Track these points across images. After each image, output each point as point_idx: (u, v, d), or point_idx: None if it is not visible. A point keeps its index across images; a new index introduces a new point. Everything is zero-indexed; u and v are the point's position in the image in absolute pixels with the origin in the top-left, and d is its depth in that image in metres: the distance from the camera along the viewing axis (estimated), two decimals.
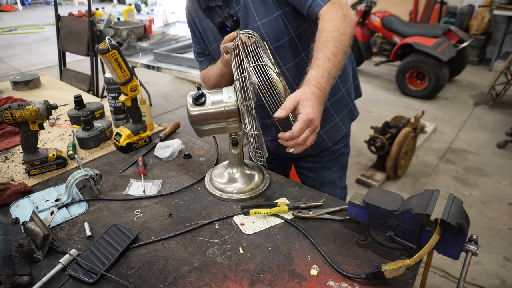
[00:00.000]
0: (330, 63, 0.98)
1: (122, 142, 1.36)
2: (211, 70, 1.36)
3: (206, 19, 1.30)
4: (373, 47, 5.50)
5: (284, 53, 1.24)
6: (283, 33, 1.21)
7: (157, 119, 4.22)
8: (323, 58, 0.98)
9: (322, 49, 1.00)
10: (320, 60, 0.99)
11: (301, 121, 0.88)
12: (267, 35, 1.19)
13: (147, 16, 4.37)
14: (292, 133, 0.89)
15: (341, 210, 1.04)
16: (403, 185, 3.08)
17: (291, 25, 1.20)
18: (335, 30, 1.02)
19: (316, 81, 0.95)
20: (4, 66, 6.37)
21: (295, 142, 0.91)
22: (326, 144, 1.41)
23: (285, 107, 0.89)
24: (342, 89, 1.37)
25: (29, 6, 12.94)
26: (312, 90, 0.93)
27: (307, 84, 0.95)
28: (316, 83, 0.95)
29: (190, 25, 1.40)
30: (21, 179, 1.23)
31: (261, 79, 0.93)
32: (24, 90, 2.03)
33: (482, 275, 2.18)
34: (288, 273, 0.85)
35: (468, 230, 0.80)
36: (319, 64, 0.98)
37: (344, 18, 1.05)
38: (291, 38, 1.22)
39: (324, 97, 0.96)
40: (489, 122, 4.15)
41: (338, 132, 1.41)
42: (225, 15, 1.23)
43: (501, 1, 5.50)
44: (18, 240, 0.89)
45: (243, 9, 1.19)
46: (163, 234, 0.98)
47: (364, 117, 4.24)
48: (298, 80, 1.17)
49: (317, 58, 1.00)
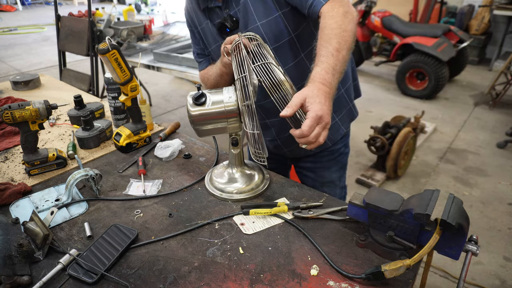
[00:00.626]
0: (334, 59, 0.97)
1: (122, 142, 1.36)
2: (211, 71, 1.36)
3: (205, 20, 1.30)
4: (373, 47, 5.50)
5: (283, 53, 1.24)
6: (282, 34, 1.21)
7: (157, 119, 4.22)
8: (327, 54, 0.98)
9: (325, 45, 0.99)
10: (323, 57, 0.98)
11: (310, 119, 0.87)
12: (266, 35, 1.19)
13: (147, 16, 4.36)
14: (301, 131, 0.88)
15: (341, 210, 1.04)
16: (403, 185, 3.08)
17: (290, 26, 1.20)
18: (336, 27, 1.01)
19: (321, 77, 0.94)
20: (4, 66, 6.37)
21: (306, 140, 0.90)
22: (325, 144, 1.41)
23: (291, 105, 0.89)
24: (341, 89, 1.37)
25: (29, 6, 12.93)
26: (318, 86, 0.92)
27: (312, 81, 0.94)
28: (322, 79, 0.94)
29: (189, 25, 1.40)
30: (21, 179, 1.23)
31: (267, 78, 0.92)
32: (24, 90, 2.03)
33: (482, 275, 2.18)
34: (288, 273, 0.85)
35: (468, 230, 0.80)
36: (323, 61, 0.97)
37: (345, 15, 1.04)
38: (291, 38, 1.22)
39: (332, 92, 0.95)
40: (489, 122, 4.15)
41: (337, 132, 1.41)
42: (225, 15, 1.23)
43: (501, 1, 5.50)
44: (18, 240, 0.89)
45: (242, 9, 1.19)
46: (163, 234, 0.98)
47: (364, 117, 4.23)
48: (298, 81, 1.17)
49: (320, 55, 0.99)
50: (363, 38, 5.32)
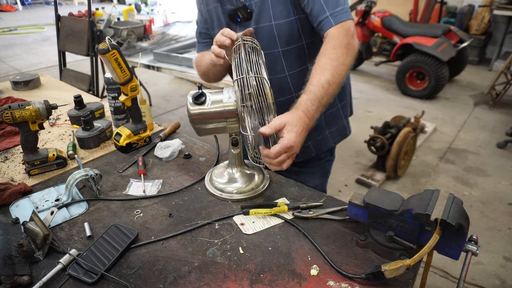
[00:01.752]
0: (323, 91, 0.99)
1: (122, 142, 1.36)
2: (205, 56, 1.32)
3: (215, 2, 1.26)
4: (373, 47, 5.50)
5: (291, 58, 1.23)
6: (295, 38, 1.20)
7: (157, 119, 4.22)
8: (318, 84, 0.99)
9: (318, 75, 1.01)
10: (314, 86, 1.00)
11: (281, 146, 0.91)
12: (279, 36, 1.18)
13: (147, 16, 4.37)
14: (269, 153, 0.92)
15: (341, 210, 1.04)
16: (403, 185, 3.08)
17: (304, 32, 1.20)
18: (335, 59, 1.02)
19: (305, 107, 0.97)
20: (4, 66, 6.37)
21: (270, 162, 0.95)
22: (311, 154, 1.41)
23: (272, 126, 0.92)
24: (338, 104, 1.38)
25: (29, 6, 12.93)
26: (300, 115, 0.95)
27: (296, 109, 0.97)
28: (305, 110, 0.97)
29: (198, 3, 1.35)
30: (21, 179, 1.23)
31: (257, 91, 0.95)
32: (24, 90, 2.03)
33: (482, 275, 2.18)
34: (288, 273, 0.85)
35: (468, 230, 0.80)
36: (312, 90, 0.99)
37: (347, 47, 1.05)
38: (301, 45, 1.22)
39: (311, 124, 0.99)
40: (489, 122, 4.15)
41: (325, 145, 1.42)
42: (239, 5, 1.19)
43: (501, 1, 5.50)
44: (18, 240, 0.89)
45: (260, 3, 1.16)
46: (163, 234, 0.98)
47: (364, 117, 4.24)
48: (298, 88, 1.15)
49: (311, 84, 1.01)
50: (363, 38, 5.32)
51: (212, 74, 1.32)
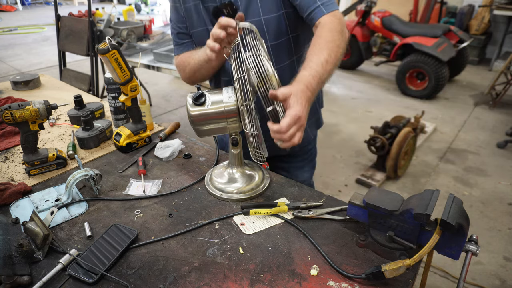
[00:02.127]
0: (322, 69, 1.00)
1: (122, 142, 1.36)
2: (195, 54, 1.26)
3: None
4: (373, 47, 5.50)
5: (280, 52, 1.25)
6: (282, 33, 1.21)
7: (157, 119, 4.22)
8: (317, 62, 1.00)
9: (317, 54, 1.02)
10: (314, 63, 1.00)
11: (290, 117, 0.88)
12: (267, 31, 1.19)
13: (147, 16, 4.37)
14: (280, 127, 0.89)
15: (341, 210, 1.04)
16: (403, 185, 3.08)
17: (290, 27, 1.21)
18: (332, 41, 1.04)
19: (307, 81, 0.96)
20: (4, 66, 6.37)
21: (281, 137, 0.91)
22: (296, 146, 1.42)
23: (280, 91, 0.90)
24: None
25: (29, 6, 12.93)
26: (303, 88, 0.94)
27: (298, 83, 0.95)
28: (308, 83, 0.95)
29: (173, 0, 1.29)
30: (21, 179, 1.23)
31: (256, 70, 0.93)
32: (24, 90, 2.03)
33: (482, 275, 2.18)
34: (288, 273, 0.85)
35: (468, 230, 0.80)
36: (312, 67, 0.99)
37: (341, 33, 1.08)
38: (288, 39, 1.23)
39: (313, 98, 0.97)
40: (489, 122, 4.15)
41: (307, 137, 1.45)
42: (223, 1, 1.17)
43: (501, 1, 5.50)
44: (18, 240, 0.89)
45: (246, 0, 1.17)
46: (163, 234, 0.98)
47: (364, 117, 4.23)
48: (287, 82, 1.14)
49: (311, 61, 1.01)
50: (363, 38, 5.32)
51: (205, 71, 1.27)
